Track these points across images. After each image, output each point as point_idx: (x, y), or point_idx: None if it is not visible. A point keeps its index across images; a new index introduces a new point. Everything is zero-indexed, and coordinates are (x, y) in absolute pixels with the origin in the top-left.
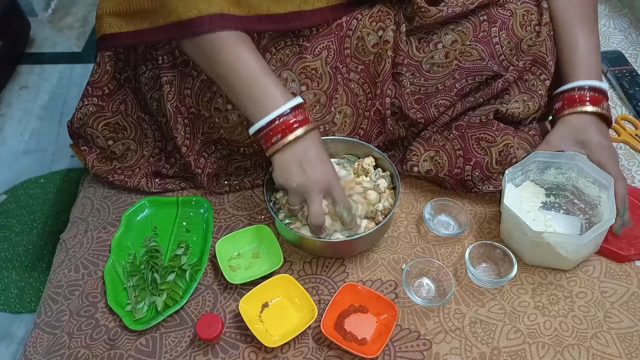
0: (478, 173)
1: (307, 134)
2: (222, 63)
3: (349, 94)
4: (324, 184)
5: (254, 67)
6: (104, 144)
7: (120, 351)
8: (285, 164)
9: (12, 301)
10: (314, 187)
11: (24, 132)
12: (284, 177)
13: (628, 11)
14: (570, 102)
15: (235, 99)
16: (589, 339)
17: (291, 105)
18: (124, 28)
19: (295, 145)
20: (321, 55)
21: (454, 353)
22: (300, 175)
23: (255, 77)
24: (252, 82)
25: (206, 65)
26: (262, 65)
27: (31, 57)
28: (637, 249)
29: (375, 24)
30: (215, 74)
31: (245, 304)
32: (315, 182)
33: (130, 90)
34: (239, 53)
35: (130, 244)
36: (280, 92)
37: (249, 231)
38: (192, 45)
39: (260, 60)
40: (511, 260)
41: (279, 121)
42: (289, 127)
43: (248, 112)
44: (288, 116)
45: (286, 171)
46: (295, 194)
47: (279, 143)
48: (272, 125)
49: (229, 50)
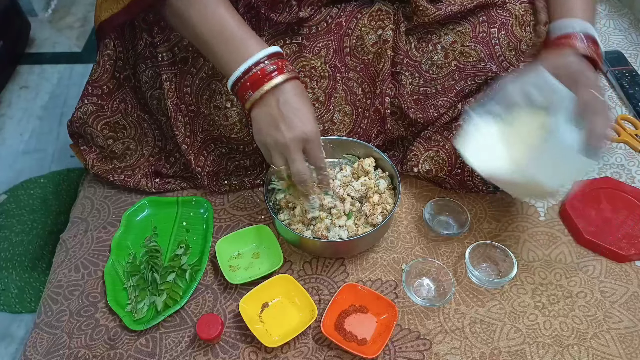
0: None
1: (286, 82)
2: (195, 18)
3: (348, 92)
4: (301, 141)
5: (228, 18)
6: (104, 144)
7: (120, 351)
8: (262, 120)
9: (12, 301)
10: (290, 146)
11: (24, 132)
12: (261, 135)
13: (628, 11)
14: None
15: (211, 54)
16: (589, 339)
17: (268, 52)
18: (115, 9)
19: (272, 96)
20: (320, 54)
21: (454, 353)
22: (277, 133)
23: (230, 28)
24: (226, 34)
25: (182, 26)
26: (236, 17)
27: (31, 57)
28: (637, 249)
29: (374, 23)
30: (192, 32)
31: (245, 304)
32: (291, 139)
33: (130, 89)
34: (212, 6)
35: (130, 244)
36: (256, 40)
37: (249, 231)
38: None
39: (234, 12)
40: (511, 260)
41: (255, 69)
42: (266, 75)
43: (225, 65)
44: (264, 64)
45: (263, 128)
46: (275, 153)
47: (256, 93)
48: (248, 74)
49: (203, 4)
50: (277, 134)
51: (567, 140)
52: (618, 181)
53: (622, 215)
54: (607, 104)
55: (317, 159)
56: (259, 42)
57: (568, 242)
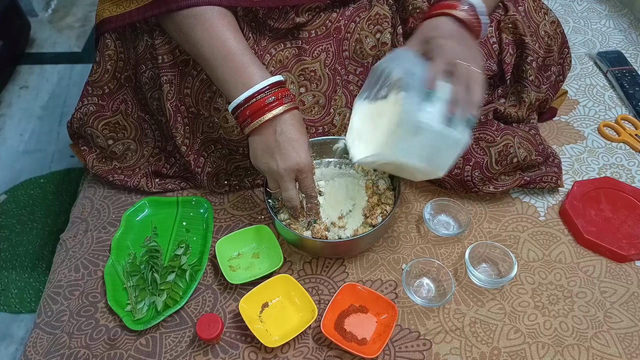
0: (478, 173)
1: (284, 112)
2: (200, 39)
3: (348, 95)
4: (294, 170)
5: (233, 43)
6: (104, 144)
7: (120, 351)
8: (258, 147)
9: (12, 301)
10: (284, 175)
11: (24, 132)
12: (257, 161)
13: (628, 11)
14: (441, 5)
15: (213, 75)
16: (589, 339)
17: (270, 82)
18: (115, 11)
19: (270, 126)
20: (320, 58)
21: (454, 353)
22: (271, 161)
23: (235, 54)
24: (229, 58)
25: (185, 42)
26: (242, 42)
27: (31, 57)
28: (637, 249)
29: (372, 27)
30: (195, 50)
31: (245, 304)
32: (284, 169)
33: (131, 89)
34: (219, 29)
35: (130, 244)
36: (259, 69)
37: (249, 231)
38: (172, 22)
39: (240, 37)
40: (511, 260)
41: (256, 98)
42: (266, 105)
43: (226, 88)
44: (265, 94)
45: (259, 155)
46: (270, 178)
47: (255, 122)
48: (249, 103)
49: (209, 26)
50: (271, 162)
51: (422, 117)
52: (618, 181)
53: (622, 215)
54: (472, 70)
55: (308, 188)
56: (262, 71)
57: (568, 242)
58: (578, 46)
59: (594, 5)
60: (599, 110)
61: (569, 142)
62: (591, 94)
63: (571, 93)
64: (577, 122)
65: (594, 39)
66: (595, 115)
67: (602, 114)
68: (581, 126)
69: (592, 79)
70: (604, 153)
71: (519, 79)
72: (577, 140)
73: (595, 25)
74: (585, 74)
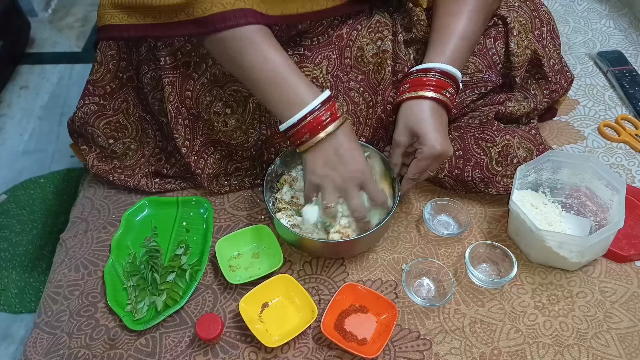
0: (478, 174)
1: (338, 128)
2: (246, 60)
3: (350, 102)
4: (357, 179)
5: (280, 63)
6: (105, 143)
7: (120, 351)
8: (317, 162)
9: (12, 301)
10: (349, 183)
11: (24, 132)
12: (315, 176)
13: (628, 11)
14: (415, 85)
15: (261, 96)
16: (589, 339)
17: (321, 100)
18: (125, 21)
19: (327, 142)
20: (322, 65)
21: (454, 353)
22: (334, 173)
23: (283, 75)
24: (278, 79)
25: (227, 62)
26: (287, 60)
27: (31, 57)
28: (637, 249)
29: (373, 35)
30: (239, 71)
31: (245, 304)
32: (349, 178)
33: (133, 89)
34: (264, 49)
35: (130, 244)
36: (308, 86)
37: (249, 231)
38: (212, 42)
39: (284, 55)
40: (511, 260)
41: (310, 117)
42: (320, 123)
43: (276, 109)
44: (319, 111)
45: (318, 169)
46: (330, 192)
47: (311, 141)
48: (303, 122)
49: (254, 46)
50: (334, 174)
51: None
52: None
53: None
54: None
55: (377, 194)
56: (312, 89)
57: None
58: (578, 46)
59: (594, 5)
60: (599, 110)
61: (569, 142)
62: (591, 94)
63: (571, 93)
64: (577, 122)
65: (594, 39)
66: (596, 115)
67: (602, 114)
68: (581, 126)
69: (592, 78)
70: (604, 153)
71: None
72: (577, 140)
73: (596, 25)
74: (586, 74)
